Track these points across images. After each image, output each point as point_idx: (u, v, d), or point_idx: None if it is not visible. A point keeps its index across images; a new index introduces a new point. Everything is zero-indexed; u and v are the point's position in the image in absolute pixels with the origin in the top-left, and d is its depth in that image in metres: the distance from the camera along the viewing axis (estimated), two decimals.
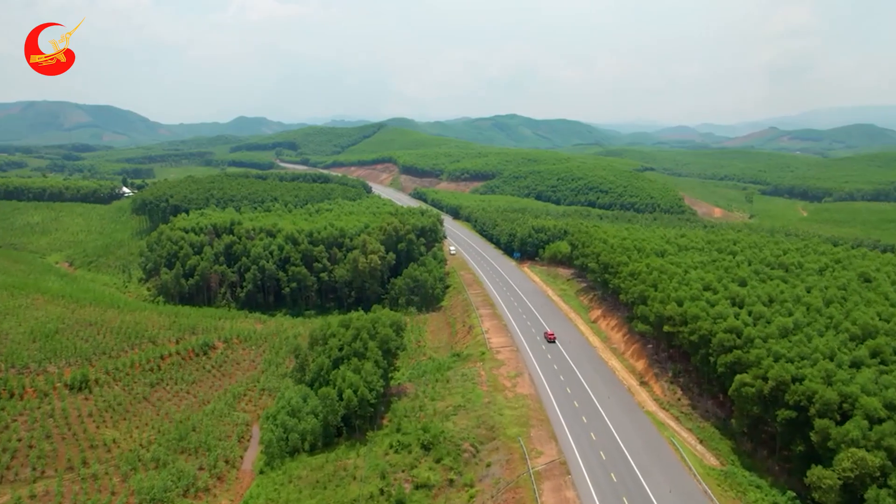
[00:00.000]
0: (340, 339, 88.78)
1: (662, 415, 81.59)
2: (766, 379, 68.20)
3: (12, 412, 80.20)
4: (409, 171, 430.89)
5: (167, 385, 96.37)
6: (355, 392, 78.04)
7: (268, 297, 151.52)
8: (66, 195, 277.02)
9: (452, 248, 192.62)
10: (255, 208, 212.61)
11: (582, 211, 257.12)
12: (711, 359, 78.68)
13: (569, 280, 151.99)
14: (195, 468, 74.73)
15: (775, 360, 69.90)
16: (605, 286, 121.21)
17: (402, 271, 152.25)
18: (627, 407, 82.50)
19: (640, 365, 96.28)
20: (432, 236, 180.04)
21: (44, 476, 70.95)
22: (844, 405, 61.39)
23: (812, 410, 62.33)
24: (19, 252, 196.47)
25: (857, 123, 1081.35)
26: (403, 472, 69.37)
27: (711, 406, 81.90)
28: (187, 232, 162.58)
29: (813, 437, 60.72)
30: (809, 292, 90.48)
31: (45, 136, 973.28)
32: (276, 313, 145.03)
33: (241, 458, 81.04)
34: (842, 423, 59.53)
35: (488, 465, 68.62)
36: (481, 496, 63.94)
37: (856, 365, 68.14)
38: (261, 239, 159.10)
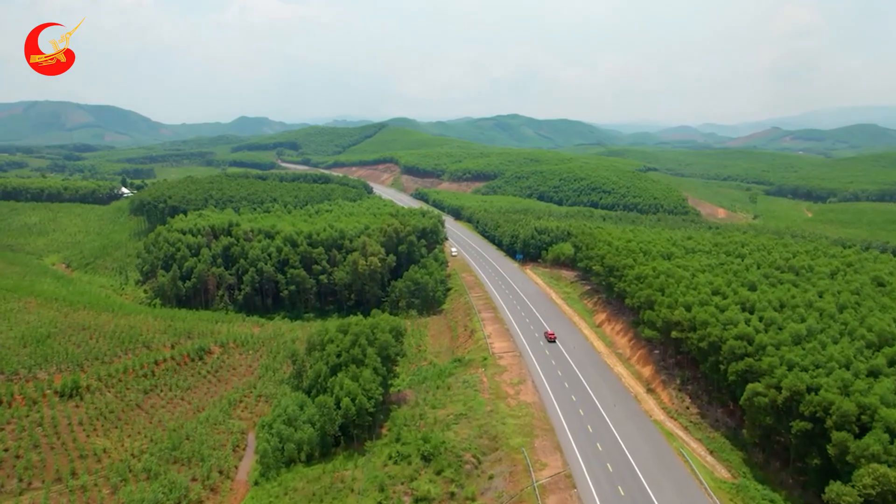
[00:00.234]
0: (338, 346, 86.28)
1: (671, 424, 79.01)
2: (779, 388, 65.63)
3: (0, 421, 77.82)
4: (411, 171, 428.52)
5: (161, 391, 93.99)
6: (353, 401, 75.57)
7: (266, 299, 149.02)
8: (65, 195, 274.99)
9: (454, 250, 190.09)
10: (255, 209, 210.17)
11: (585, 212, 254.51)
12: (721, 366, 76.07)
13: (572, 282, 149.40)
14: (188, 479, 72.34)
15: (789, 369, 67.32)
16: (609, 289, 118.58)
17: (403, 273, 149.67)
18: (634, 415, 79.96)
19: (647, 371, 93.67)
20: (433, 238, 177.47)
21: (31, 488, 68.57)
22: (863, 417, 58.71)
23: (829, 422, 59.70)
24: (16, 253, 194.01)
25: (859, 123, 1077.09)
26: (403, 484, 66.85)
27: (721, 415, 79.28)
28: (185, 233, 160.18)
29: (830, 450, 58.12)
30: (822, 297, 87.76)
31: (46, 136, 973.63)
32: (274, 316, 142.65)
33: (236, 468, 78.58)
34: (860, 436, 56.92)
35: (490, 478, 66.07)
36: None
37: (873, 374, 65.47)
38: (259, 240, 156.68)
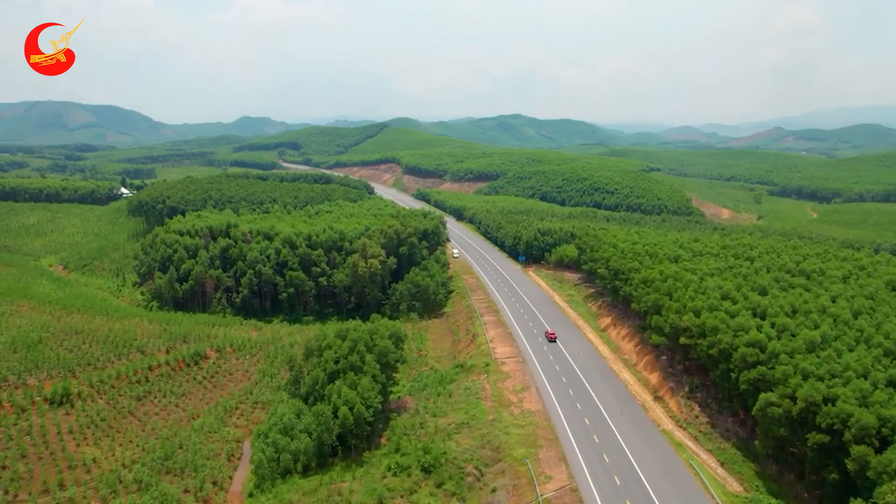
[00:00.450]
0: (336, 352, 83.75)
1: (679, 434, 76.39)
2: (794, 399, 63.02)
3: None
4: (413, 171, 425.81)
5: (155, 398, 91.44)
6: (351, 409, 73.05)
7: (264, 302, 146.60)
8: (64, 196, 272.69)
9: (455, 252, 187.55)
10: (254, 210, 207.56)
11: (588, 212, 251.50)
12: (733, 375, 73.41)
13: (576, 285, 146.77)
14: (180, 491, 69.79)
15: (804, 378, 64.70)
16: (615, 293, 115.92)
17: (404, 276, 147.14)
18: (642, 425, 77.44)
19: (654, 378, 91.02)
20: (435, 239, 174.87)
21: (17, 500, 65.95)
22: (884, 430, 56.16)
23: (847, 435, 57.09)
24: (13, 254, 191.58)
25: (862, 123, 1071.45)
26: (402, 497, 64.49)
27: (732, 424, 76.67)
28: (182, 235, 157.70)
29: (849, 464, 55.55)
30: (835, 302, 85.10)
31: (48, 136, 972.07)
32: (272, 319, 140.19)
33: (231, 478, 75.99)
34: (881, 451, 54.31)
35: (493, 491, 63.63)
36: None
37: (893, 384, 62.83)
38: (258, 242, 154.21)
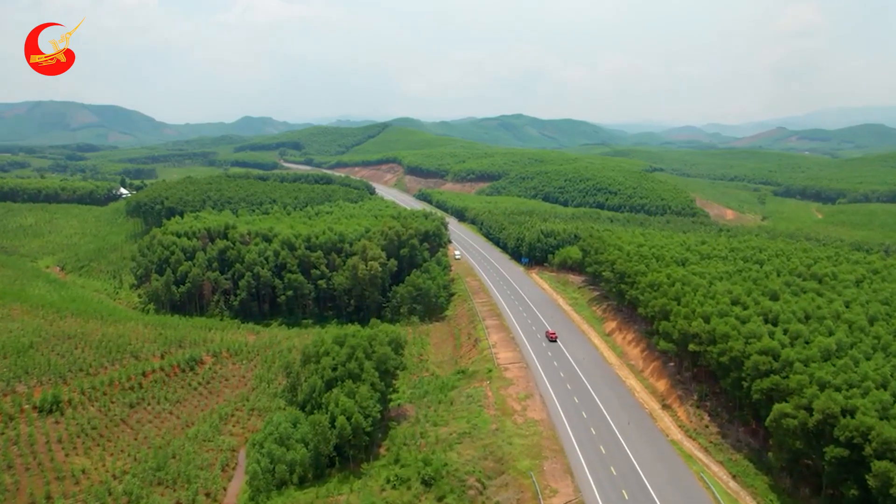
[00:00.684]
0: (334, 358, 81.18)
1: (689, 444, 73.69)
2: (810, 410, 60.26)
3: None
4: (414, 171, 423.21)
5: (148, 405, 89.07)
6: (349, 419, 70.45)
7: (263, 305, 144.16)
8: (62, 196, 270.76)
9: (457, 253, 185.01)
10: (253, 211, 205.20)
11: (591, 213, 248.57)
12: (744, 383, 70.71)
13: (580, 288, 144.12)
14: (172, 503, 67.51)
15: (820, 389, 61.93)
16: (620, 297, 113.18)
17: (405, 278, 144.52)
18: (650, 435, 74.79)
19: (662, 385, 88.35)
20: (436, 241, 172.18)
21: None
22: None
23: (868, 449, 54.32)
24: (9, 256, 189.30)
25: (865, 123, 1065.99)
26: None
27: (743, 434, 73.94)
28: (180, 236, 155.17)
29: (870, 480, 52.82)
30: (849, 307, 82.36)
31: (51, 136, 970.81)
32: (271, 323, 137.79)
33: (224, 489, 73.52)
34: None
35: None
36: None
37: None
38: (256, 244, 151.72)
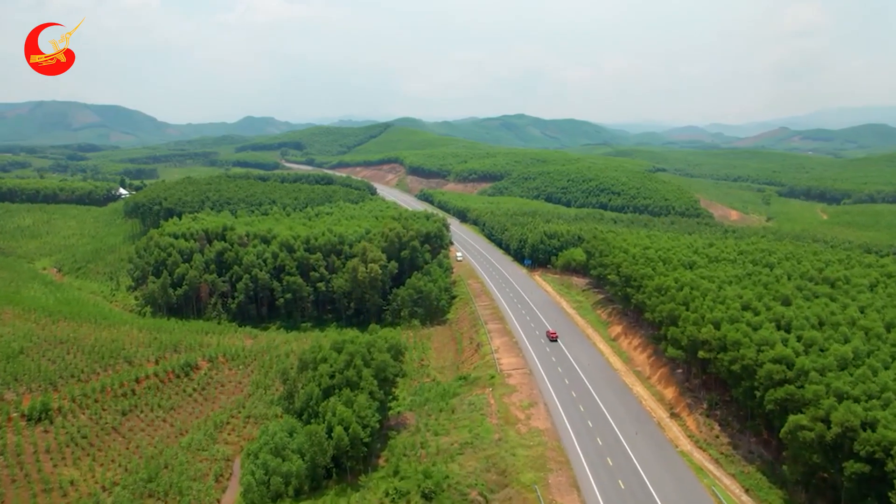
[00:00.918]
0: (332, 365, 78.74)
1: (699, 455, 71.04)
2: (828, 422, 57.64)
3: None
4: (416, 171, 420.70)
5: (141, 412, 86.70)
6: (346, 429, 68.04)
7: (261, 308, 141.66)
8: (61, 197, 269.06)
9: (459, 255, 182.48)
10: (252, 212, 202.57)
11: (595, 214, 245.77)
12: (757, 393, 68.06)
13: (584, 290, 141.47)
14: None
15: (838, 399, 59.26)
16: (626, 300, 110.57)
17: (405, 281, 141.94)
18: (658, 446, 72.19)
19: (670, 393, 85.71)
20: (438, 242, 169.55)
21: None
22: None
23: (890, 465, 51.71)
24: (6, 257, 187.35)
25: (868, 123, 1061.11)
26: None
27: (755, 445, 71.26)
28: (177, 238, 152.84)
29: (893, 498, 50.22)
30: (864, 313, 79.56)
31: (53, 136, 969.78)
32: (269, 326, 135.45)
33: (218, 501, 71.23)
34: None
35: None
36: None
37: None
38: (254, 246, 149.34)
